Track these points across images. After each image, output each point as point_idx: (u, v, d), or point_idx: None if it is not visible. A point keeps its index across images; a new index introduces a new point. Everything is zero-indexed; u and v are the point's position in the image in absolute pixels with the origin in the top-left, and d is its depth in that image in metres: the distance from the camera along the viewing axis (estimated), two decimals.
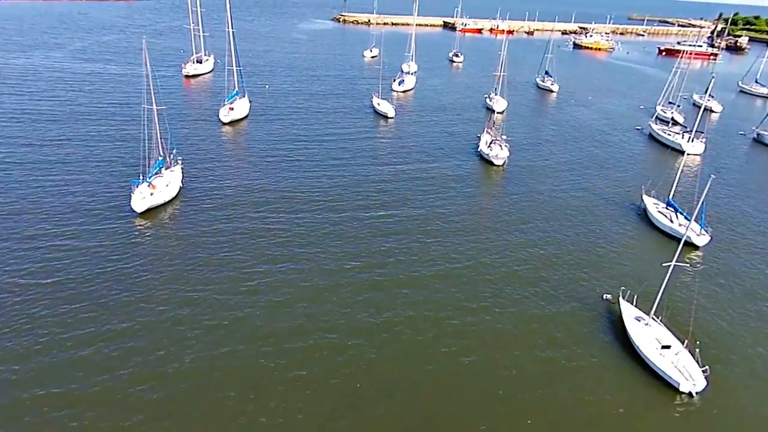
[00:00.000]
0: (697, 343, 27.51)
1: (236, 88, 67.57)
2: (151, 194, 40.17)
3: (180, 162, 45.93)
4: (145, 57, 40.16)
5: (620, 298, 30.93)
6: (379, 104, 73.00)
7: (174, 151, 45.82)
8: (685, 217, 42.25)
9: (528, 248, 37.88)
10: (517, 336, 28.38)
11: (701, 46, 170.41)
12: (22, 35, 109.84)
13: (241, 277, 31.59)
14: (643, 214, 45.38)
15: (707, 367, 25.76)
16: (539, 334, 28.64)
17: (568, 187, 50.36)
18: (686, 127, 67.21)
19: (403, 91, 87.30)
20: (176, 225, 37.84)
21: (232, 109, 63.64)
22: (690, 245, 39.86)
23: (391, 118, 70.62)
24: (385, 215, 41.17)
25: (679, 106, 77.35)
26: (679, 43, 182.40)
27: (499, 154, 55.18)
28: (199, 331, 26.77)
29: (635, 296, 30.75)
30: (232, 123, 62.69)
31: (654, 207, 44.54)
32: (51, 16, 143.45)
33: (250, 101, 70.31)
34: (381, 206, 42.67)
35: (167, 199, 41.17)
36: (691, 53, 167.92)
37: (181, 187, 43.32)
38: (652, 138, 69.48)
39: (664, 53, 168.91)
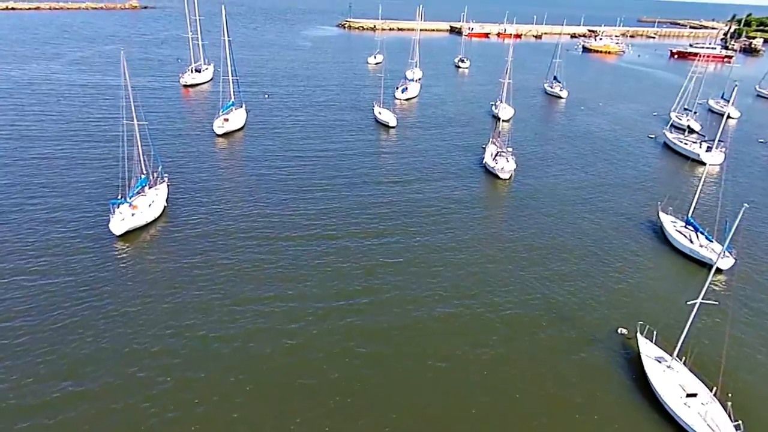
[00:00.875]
0: (729, 395, 24.23)
1: (232, 99, 65.29)
2: (132, 215, 37.74)
3: (166, 179, 43.51)
4: (124, 69, 37.79)
5: (638, 334, 27.80)
6: (380, 114, 70.38)
7: (160, 167, 43.40)
8: (706, 237, 38.98)
9: (535, 280, 34.64)
10: (525, 391, 25.04)
11: (715, 48, 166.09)
12: (23, 45, 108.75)
13: (221, 320, 28.60)
14: (660, 233, 42.16)
15: (740, 422, 22.58)
16: (549, 385, 25.45)
17: (578, 204, 47.20)
18: (704, 136, 63.63)
19: (407, 99, 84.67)
20: (157, 251, 35.26)
21: (227, 120, 61.29)
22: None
23: (393, 127, 67.96)
24: (382, 244, 37.91)
25: (695, 113, 73.75)
26: (691, 45, 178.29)
27: (505, 167, 52.21)
28: (168, 385, 23.92)
29: (654, 332, 27.57)
30: (226, 135, 60.31)
31: (672, 226, 41.28)
32: (54, 26, 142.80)
33: (247, 111, 68.06)
34: (378, 233, 39.46)
35: (149, 220, 38.69)
36: (705, 56, 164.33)
37: (165, 207, 40.84)
38: (668, 147, 66.05)
39: (676, 56, 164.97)
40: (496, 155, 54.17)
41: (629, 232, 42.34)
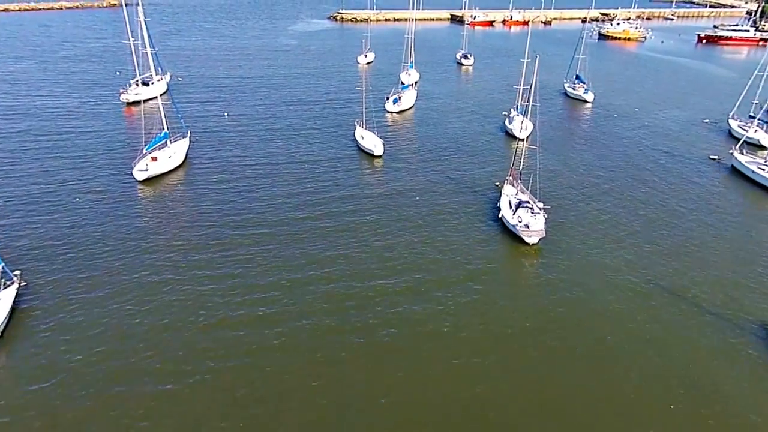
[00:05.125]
0: None
1: (165, 128, 49.99)
2: None
3: (16, 280, 28.66)
4: None
5: None
6: (362, 138, 55.03)
7: (1, 266, 28.49)
8: None
9: None
10: None
11: (748, 30, 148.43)
12: None
13: None
14: None
15: None
16: None
17: (642, 293, 31.88)
18: None
19: (399, 112, 69.14)
20: None
21: (154, 159, 46.27)
22: None
23: (379, 156, 52.69)
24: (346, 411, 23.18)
25: (766, 122, 57.77)
26: (716, 27, 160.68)
27: (532, 224, 36.92)
28: None
29: None
30: (152, 181, 45.21)
31: None
32: (3, 32, 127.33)
33: (193, 141, 53.16)
34: (337, 369, 24.67)
35: None
36: (736, 40, 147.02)
37: (7, 321, 26.11)
38: (738, 174, 50.30)
39: (704, 41, 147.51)
40: (517, 207, 38.80)
41: (733, 354, 27.03)
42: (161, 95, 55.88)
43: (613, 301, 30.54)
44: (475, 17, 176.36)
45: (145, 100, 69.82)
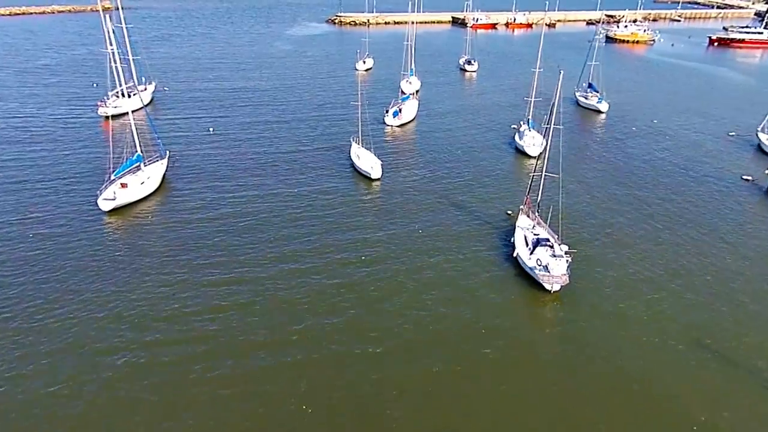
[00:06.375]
0: None
1: (138, 151, 44.88)
2: None
3: None
4: None
5: None
6: (359, 158, 49.89)
7: None
8: None
9: None
10: None
11: (761, 33, 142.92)
12: None
13: None
14: None
15: None
16: None
17: (682, 352, 26.75)
18: None
19: (399, 126, 63.99)
20: None
21: (124, 186, 41.16)
22: None
23: (377, 180, 47.55)
24: None
25: None
26: (725, 29, 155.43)
27: (553, 266, 31.68)
28: None
29: None
30: (120, 211, 40.08)
31: None
32: None
33: (171, 164, 48.03)
34: None
35: None
36: (750, 42, 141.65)
37: None
38: None
39: (716, 44, 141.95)
40: (535, 246, 33.58)
41: None
42: (134, 111, 50.18)
43: (654, 382, 25.17)
44: (477, 20, 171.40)
45: (121, 114, 64.09)
